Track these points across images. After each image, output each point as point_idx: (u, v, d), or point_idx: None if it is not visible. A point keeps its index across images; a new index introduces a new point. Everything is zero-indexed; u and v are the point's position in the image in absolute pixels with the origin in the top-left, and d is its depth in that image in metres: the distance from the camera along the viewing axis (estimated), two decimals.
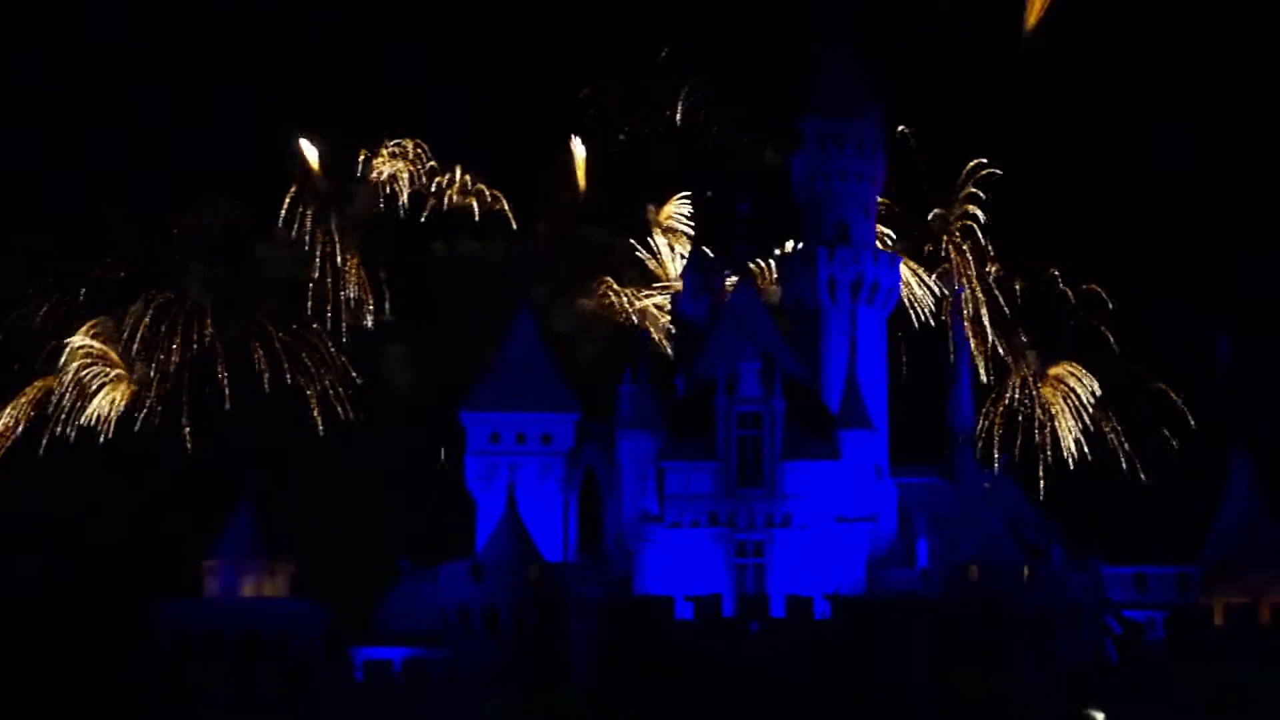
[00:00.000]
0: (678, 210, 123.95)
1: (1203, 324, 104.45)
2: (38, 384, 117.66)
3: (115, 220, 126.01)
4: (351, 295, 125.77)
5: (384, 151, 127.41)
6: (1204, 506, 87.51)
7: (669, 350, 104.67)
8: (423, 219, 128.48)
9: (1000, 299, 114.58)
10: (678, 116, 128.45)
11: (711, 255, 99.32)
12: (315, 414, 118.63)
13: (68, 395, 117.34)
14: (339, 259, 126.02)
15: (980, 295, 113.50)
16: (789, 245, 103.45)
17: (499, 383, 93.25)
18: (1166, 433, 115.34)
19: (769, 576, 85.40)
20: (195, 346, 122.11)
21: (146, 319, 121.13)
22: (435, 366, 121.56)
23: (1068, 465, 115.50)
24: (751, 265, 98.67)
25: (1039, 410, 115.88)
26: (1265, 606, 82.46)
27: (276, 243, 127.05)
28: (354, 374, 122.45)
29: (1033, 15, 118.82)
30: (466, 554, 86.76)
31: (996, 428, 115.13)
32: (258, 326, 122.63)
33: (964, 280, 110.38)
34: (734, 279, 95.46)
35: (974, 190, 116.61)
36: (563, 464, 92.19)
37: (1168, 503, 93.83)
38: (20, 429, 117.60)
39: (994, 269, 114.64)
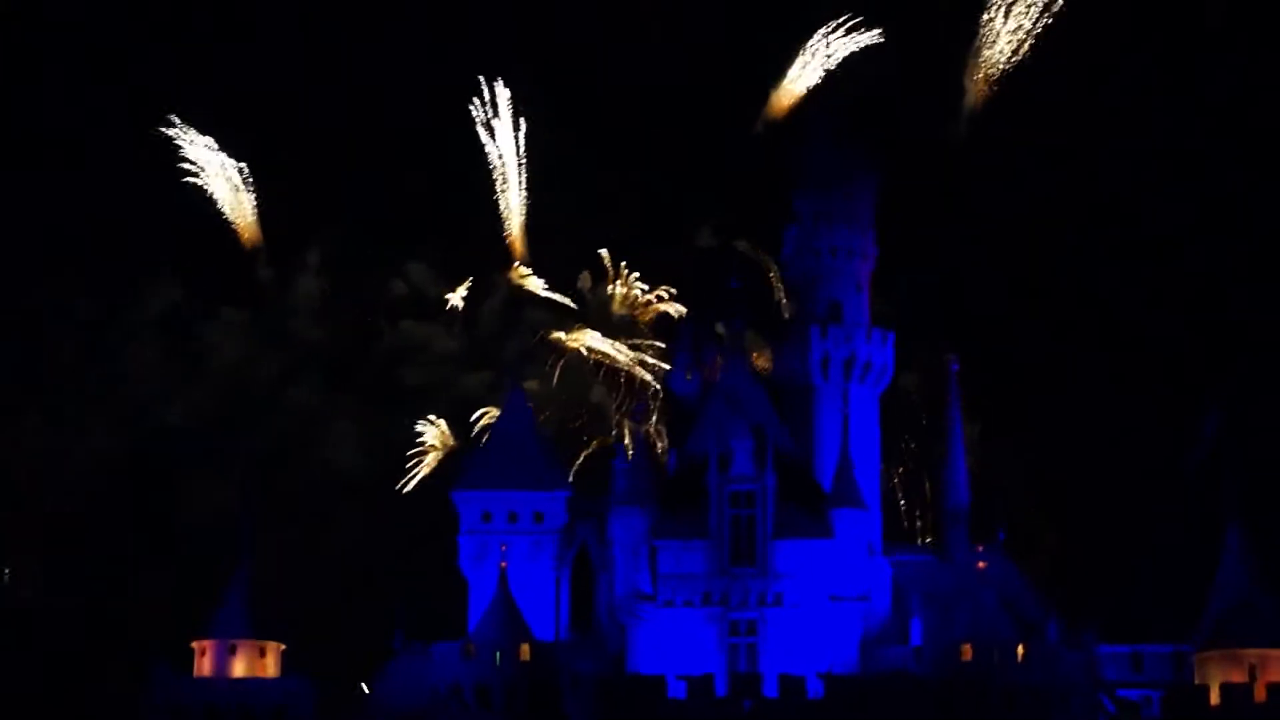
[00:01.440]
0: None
1: (1195, 396, 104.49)
2: None
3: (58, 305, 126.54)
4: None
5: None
6: (1200, 584, 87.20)
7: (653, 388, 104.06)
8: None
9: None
10: None
11: (702, 331, 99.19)
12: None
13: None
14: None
15: None
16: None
17: (490, 461, 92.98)
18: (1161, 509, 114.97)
19: (762, 655, 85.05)
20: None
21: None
22: (383, 447, 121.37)
23: (1064, 541, 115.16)
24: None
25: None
26: (1261, 685, 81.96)
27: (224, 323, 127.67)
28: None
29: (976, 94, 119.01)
30: (459, 633, 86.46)
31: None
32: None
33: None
34: (725, 355, 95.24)
35: None
36: (555, 542, 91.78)
37: (1163, 580, 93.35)
38: None
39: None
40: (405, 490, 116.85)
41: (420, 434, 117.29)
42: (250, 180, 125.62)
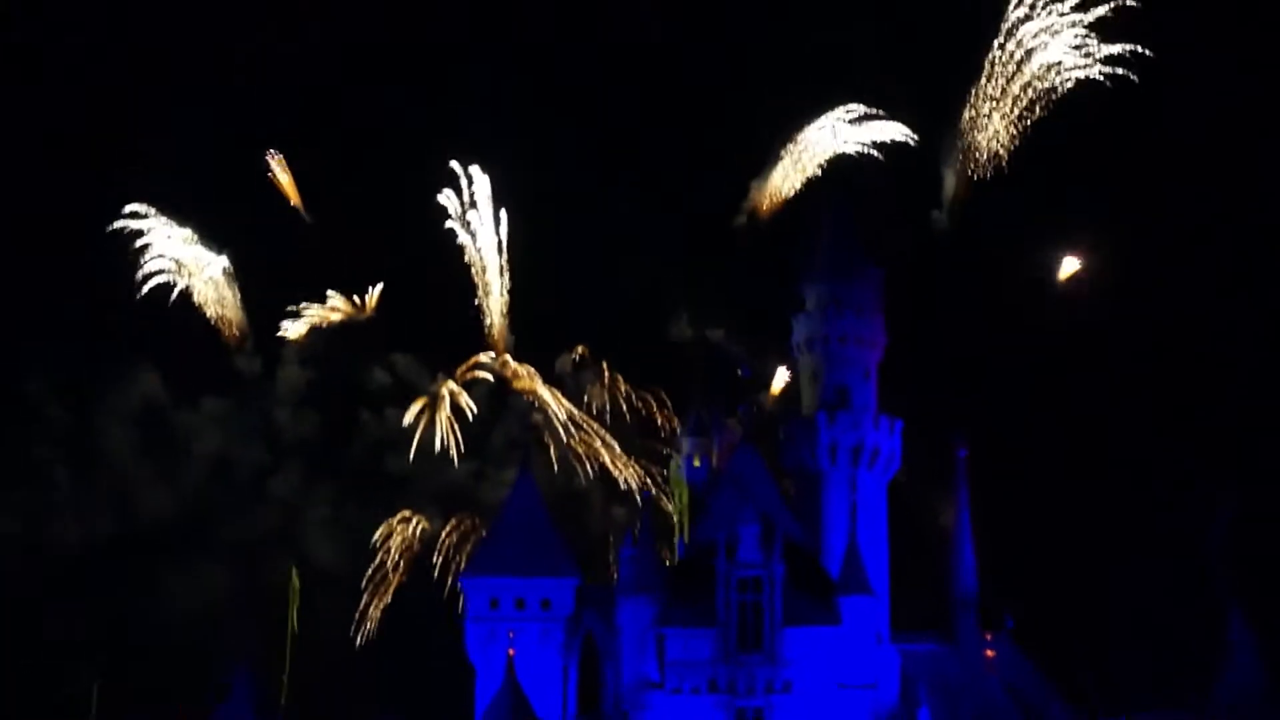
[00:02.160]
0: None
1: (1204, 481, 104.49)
2: None
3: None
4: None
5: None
6: (1206, 668, 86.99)
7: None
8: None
9: None
10: None
11: (711, 417, 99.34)
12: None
13: None
14: None
15: None
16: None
17: (498, 547, 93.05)
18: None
19: None
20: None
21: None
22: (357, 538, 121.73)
23: (1071, 627, 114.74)
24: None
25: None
26: None
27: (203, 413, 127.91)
28: None
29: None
30: None
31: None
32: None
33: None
34: (733, 441, 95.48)
35: None
36: (562, 629, 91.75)
37: (1168, 665, 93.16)
38: None
39: None
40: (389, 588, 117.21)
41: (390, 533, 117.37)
42: (231, 271, 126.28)
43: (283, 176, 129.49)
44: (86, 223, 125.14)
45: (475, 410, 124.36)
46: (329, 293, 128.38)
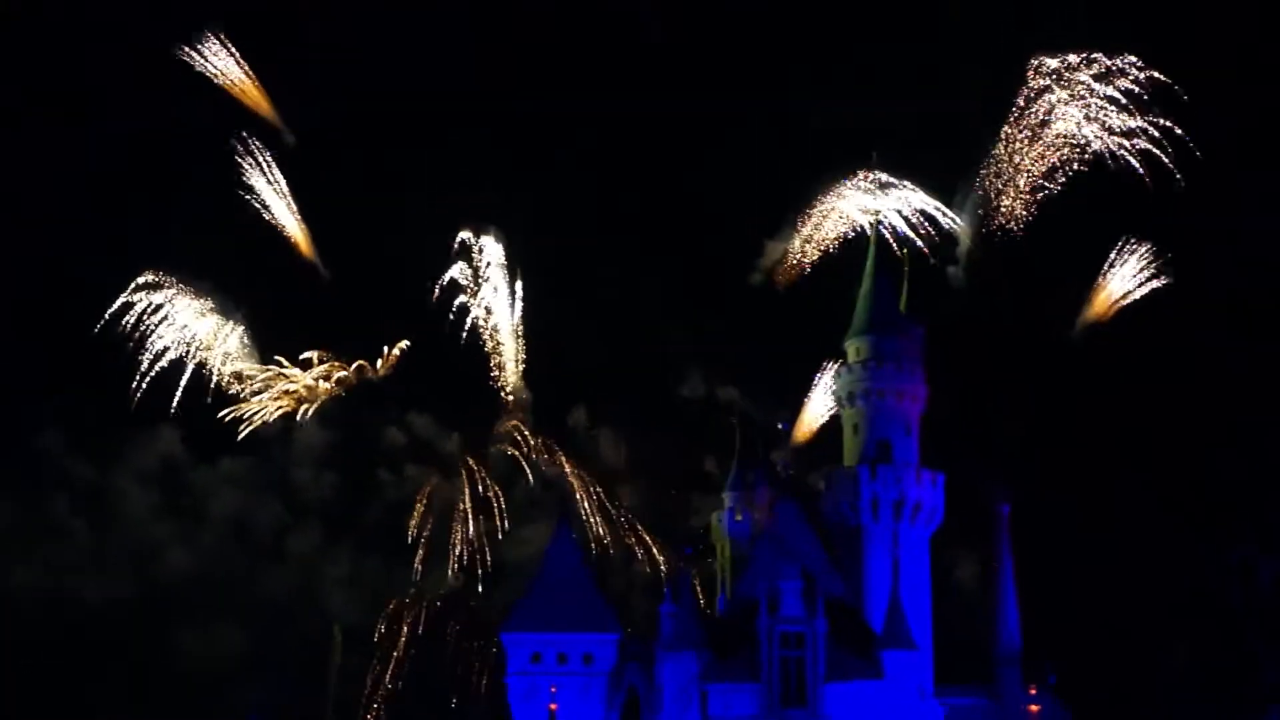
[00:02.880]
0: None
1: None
2: None
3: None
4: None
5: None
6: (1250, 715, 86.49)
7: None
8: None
9: None
10: None
11: (752, 474, 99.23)
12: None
13: None
14: None
15: None
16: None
17: (539, 603, 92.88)
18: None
19: None
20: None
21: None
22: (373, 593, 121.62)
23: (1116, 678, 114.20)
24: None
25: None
26: None
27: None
28: None
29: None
30: None
31: None
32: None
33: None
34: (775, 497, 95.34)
35: None
36: (604, 684, 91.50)
37: (1213, 714, 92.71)
38: None
39: None
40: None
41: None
42: (246, 335, 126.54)
43: (298, 232, 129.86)
44: (103, 290, 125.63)
45: (491, 476, 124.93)
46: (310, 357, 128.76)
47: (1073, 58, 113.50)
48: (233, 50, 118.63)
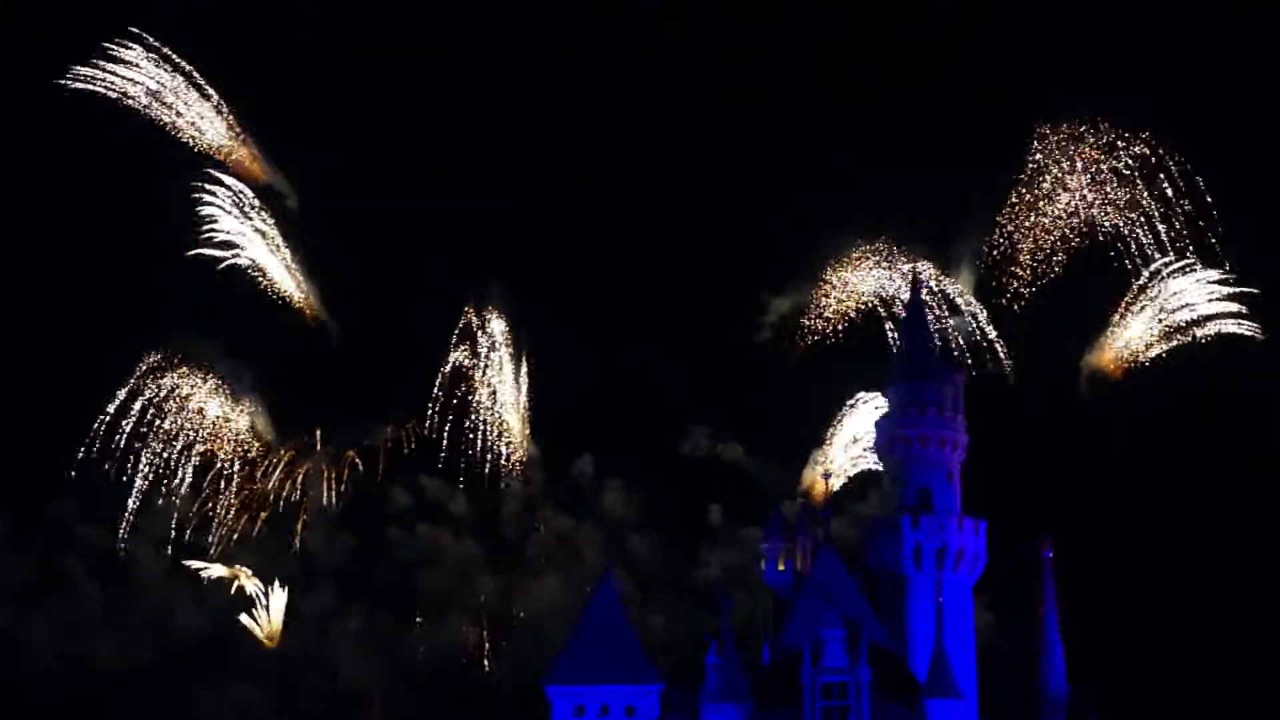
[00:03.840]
0: None
1: None
2: None
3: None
4: None
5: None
6: None
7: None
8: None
9: None
10: None
11: (793, 522, 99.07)
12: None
13: None
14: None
15: None
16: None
17: (581, 654, 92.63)
18: None
19: None
20: None
21: None
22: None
23: None
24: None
25: None
26: None
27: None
28: None
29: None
30: None
31: None
32: None
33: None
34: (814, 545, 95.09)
35: None
36: None
37: None
38: None
39: None
40: None
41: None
42: (260, 419, 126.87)
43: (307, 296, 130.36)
44: (108, 372, 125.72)
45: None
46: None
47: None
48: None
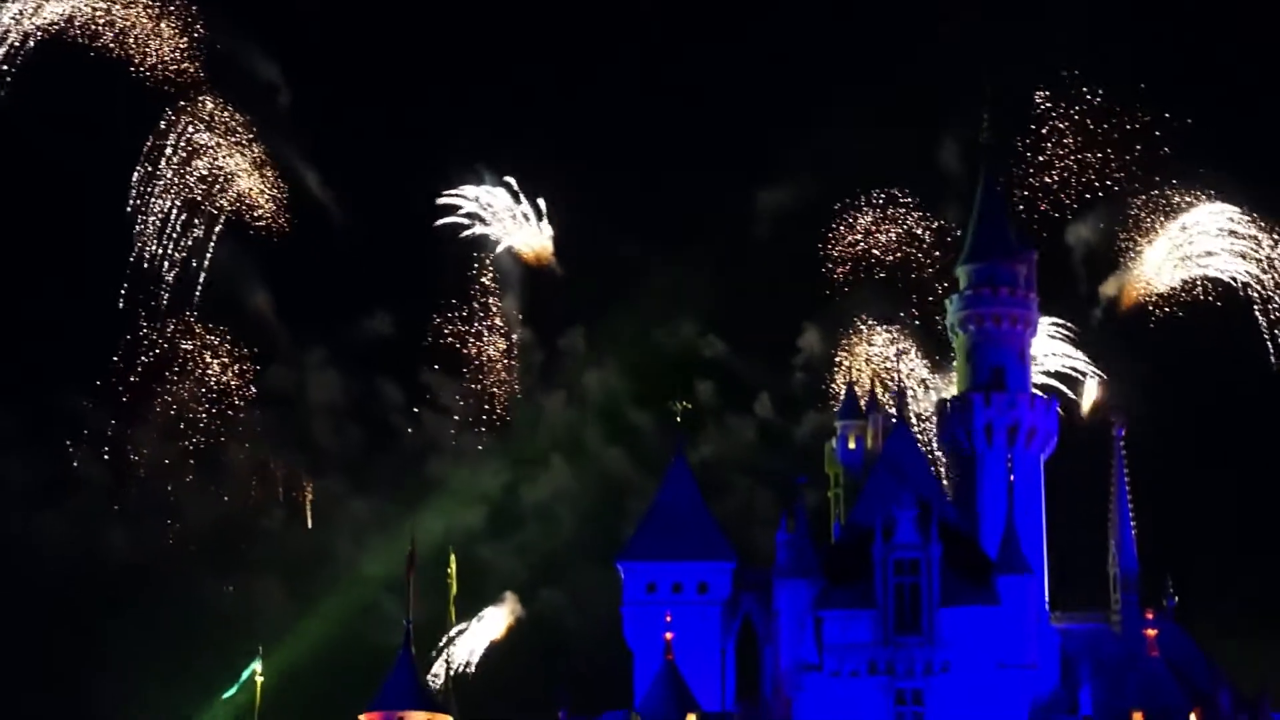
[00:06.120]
0: None
1: None
2: None
3: None
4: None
5: None
6: None
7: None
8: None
9: None
10: None
11: (866, 401, 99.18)
12: None
13: None
14: None
15: None
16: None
17: (654, 532, 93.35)
18: None
19: None
20: None
21: None
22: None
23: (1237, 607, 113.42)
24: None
25: None
26: None
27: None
28: None
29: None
30: (624, 704, 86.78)
31: None
32: None
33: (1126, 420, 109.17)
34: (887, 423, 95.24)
35: None
36: (720, 613, 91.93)
37: None
38: None
39: None
40: None
41: None
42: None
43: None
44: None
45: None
46: None
47: None
48: None
